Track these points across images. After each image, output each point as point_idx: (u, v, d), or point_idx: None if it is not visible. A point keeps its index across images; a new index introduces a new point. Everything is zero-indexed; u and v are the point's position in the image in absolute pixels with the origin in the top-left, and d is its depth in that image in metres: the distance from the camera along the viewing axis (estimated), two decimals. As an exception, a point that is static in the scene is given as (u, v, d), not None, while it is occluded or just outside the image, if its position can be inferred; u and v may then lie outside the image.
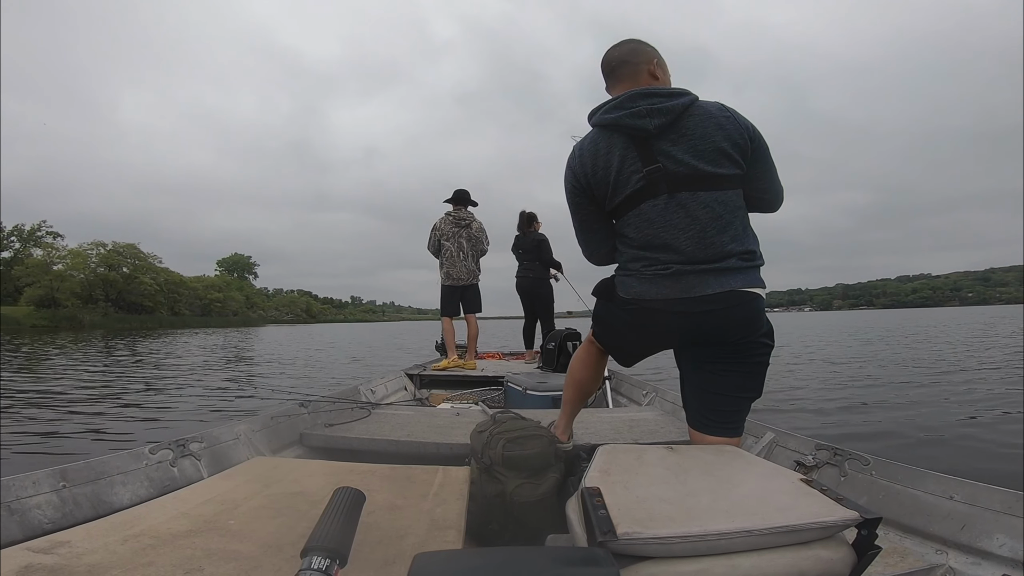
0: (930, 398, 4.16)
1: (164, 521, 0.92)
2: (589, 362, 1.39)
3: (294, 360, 9.83)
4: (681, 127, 1.10)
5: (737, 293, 1.10)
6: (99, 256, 47.60)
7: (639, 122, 1.11)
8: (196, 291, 58.97)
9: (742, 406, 1.20)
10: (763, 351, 1.18)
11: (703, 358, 1.20)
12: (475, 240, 4.13)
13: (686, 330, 1.16)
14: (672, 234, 1.11)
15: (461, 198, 4.21)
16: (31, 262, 44.19)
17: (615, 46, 1.26)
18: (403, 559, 0.78)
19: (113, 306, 46.52)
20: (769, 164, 1.17)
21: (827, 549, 0.73)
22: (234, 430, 1.64)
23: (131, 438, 3.19)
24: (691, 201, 1.10)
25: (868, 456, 1.30)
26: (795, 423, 3.37)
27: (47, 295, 41.39)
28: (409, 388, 3.49)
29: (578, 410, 1.46)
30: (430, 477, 1.19)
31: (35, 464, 2.06)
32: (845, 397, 4.31)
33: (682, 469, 0.93)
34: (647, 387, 2.79)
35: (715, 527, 0.72)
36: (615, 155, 1.15)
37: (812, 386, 5.00)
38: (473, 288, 4.22)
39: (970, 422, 3.25)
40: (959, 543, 1.02)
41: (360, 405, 2.27)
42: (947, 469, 1.17)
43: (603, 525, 0.71)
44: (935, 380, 5.10)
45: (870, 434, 3.05)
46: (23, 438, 3.18)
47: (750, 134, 1.12)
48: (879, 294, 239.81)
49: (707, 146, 1.09)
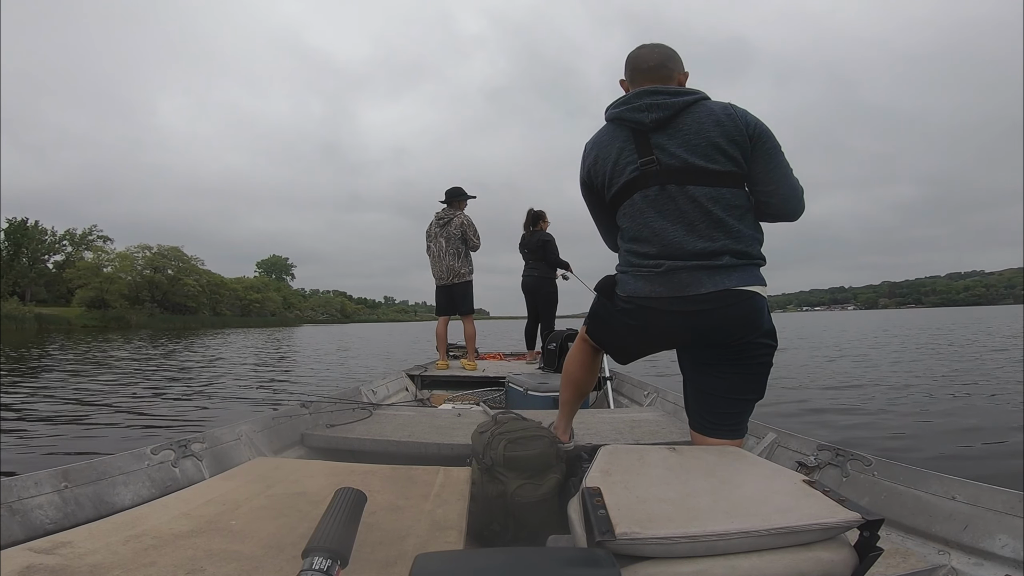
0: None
1: (166, 521, 0.92)
2: (584, 360, 1.38)
3: (327, 363, 9.98)
4: (678, 123, 1.12)
5: (733, 292, 1.09)
6: (145, 259, 49.64)
7: (638, 115, 1.14)
8: (236, 292, 60.44)
9: (744, 408, 1.19)
10: (765, 352, 1.16)
11: (703, 360, 1.19)
12: (453, 238, 4.00)
13: (684, 330, 1.15)
14: (660, 225, 1.12)
15: (450, 196, 4.11)
16: (82, 265, 45.96)
17: (652, 47, 1.25)
18: (404, 560, 0.78)
19: (158, 307, 48.05)
20: (776, 163, 1.14)
21: (828, 550, 0.73)
22: (236, 431, 1.64)
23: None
24: (680, 195, 1.11)
25: (870, 456, 1.29)
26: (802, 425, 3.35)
27: (97, 296, 43.50)
28: (410, 389, 3.49)
29: (576, 409, 1.45)
30: (431, 478, 1.19)
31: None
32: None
33: (684, 470, 0.93)
34: (648, 387, 2.78)
35: (714, 528, 0.71)
36: (615, 147, 1.19)
37: (816, 386, 4.99)
38: (463, 287, 4.07)
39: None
40: (961, 543, 1.01)
41: (361, 406, 2.27)
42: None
43: (602, 525, 0.71)
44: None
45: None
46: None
47: (752, 131, 1.11)
48: (928, 292, 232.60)
49: (701, 141, 1.10)
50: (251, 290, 64.91)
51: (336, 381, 6.29)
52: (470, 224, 4.05)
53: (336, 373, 7.50)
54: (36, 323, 33.55)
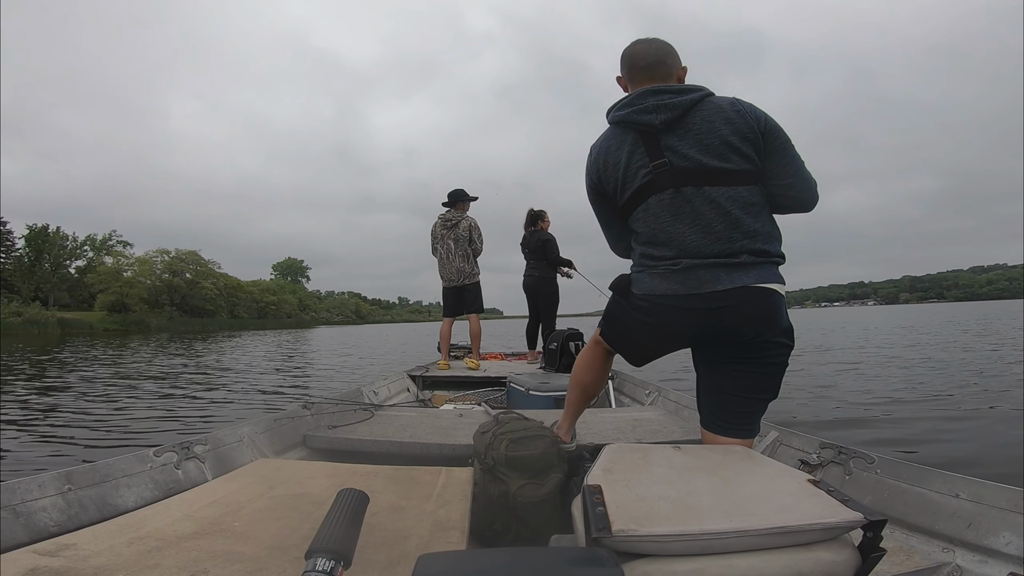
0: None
1: (169, 523, 0.93)
2: (595, 364, 1.36)
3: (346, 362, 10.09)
4: (688, 122, 1.10)
5: (751, 289, 1.08)
6: (164, 263, 50.56)
7: (646, 118, 1.12)
8: (252, 294, 61.25)
9: (757, 407, 1.17)
10: (781, 351, 1.13)
11: (719, 358, 1.17)
12: (461, 240, 4.09)
13: (700, 328, 1.13)
14: (677, 228, 1.11)
15: (453, 199, 4.18)
16: (103, 270, 47.01)
17: (648, 42, 1.22)
18: (407, 560, 0.78)
19: (177, 310, 48.89)
20: (789, 157, 1.13)
21: (829, 551, 0.72)
22: (238, 432, 1.64)
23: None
24: (697, 196, 1.10)
25: (873, 455, 1.29)
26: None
27: (117, 301, 44.35)
28: (412, 389, 3.49)
29: (581, 411, 1.44)
30: (433, 478, 1.19)
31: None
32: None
33: (687, 469, 0.92)
34: (650, 387, 2.78)
35: (712, 527, 0.71)
36: (624, 151, 1.16)
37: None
38: (471, 288, 4.16)
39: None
40: (965, 541, 1.01)
41: (363, 406, 2.27)
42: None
43: (599, 522, 0.71)
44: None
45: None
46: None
47: (763, 127, 1.10)
48: (950, 286, 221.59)
49: (713, 140, 1.09)
50: (267, 292, 65.81)
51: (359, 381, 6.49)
52: (476, 227, 4.15)
53: (358, 375, 7.52)
54: (59, 327, 34.06)
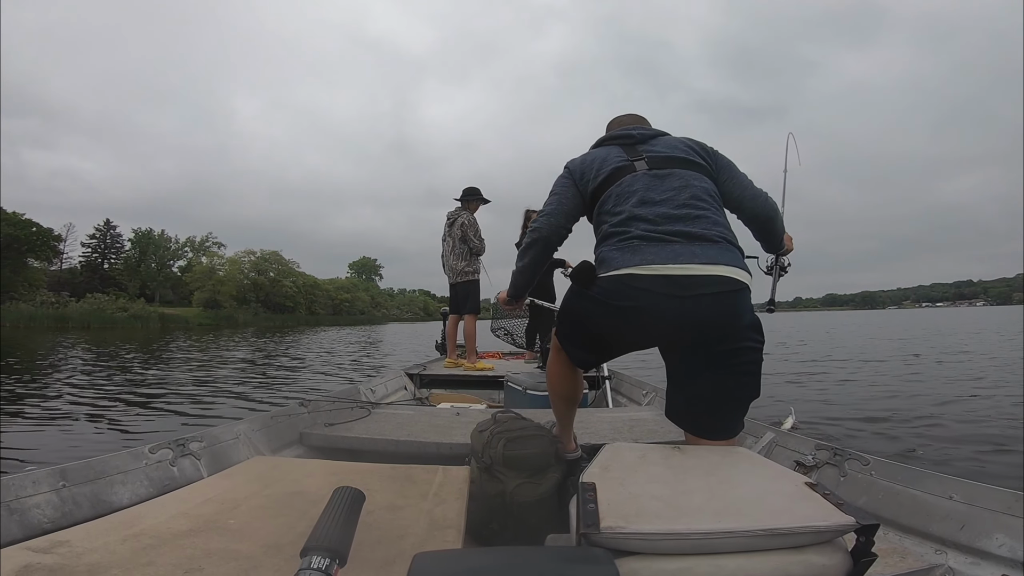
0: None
1: (164, 521, 0.92)
2: (565, 372, 1.32)
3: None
4: (657, 140, 1.38)
5: (724, 275, 1.09)
6: (250, 263, 54.67)
7: (626, 132, 1.40)
8: (328, 292, 64.33)
9: (739, 407, 1.18)
10: (752, 354, 1.13)
11: (693, 365, 1.16)
12: (456, 237, 4.09)
13: (670, 318, 1.10)
14: (650, 196, 1.20)
15: (463, 196, 4.20)
16: (199, 269, 51.35)
17: (628, 115, 1.53)
18: (403, 559, 0.78)
19: (262, 306, 52.49)
20: (736, 171, 1.35)
21: (820, 555, 0.72)
22: (234, 429, 1.64)
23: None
24: (669, 176, 1.24)
25: (868, 456, 1.30)
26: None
27: (211, 298, 48.28)
28: (409, 388, 3.49)
29: (572, 417, 1.41)
30: (430, 477, 1.19)
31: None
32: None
33: (683, 469, 0.93)
34: (647, 387, 2.79)
35: (701, 526, 0.71)
36: (606, 152, 1.35)
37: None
38: (464, 286, 4.15)
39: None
40: (958, 543, 1.02)
41: (360, 405, 2.27)
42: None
43: (588, 519, 0.71)
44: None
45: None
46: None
47: (710, 150, 1.36)
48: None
49: (679, 144, 1.34)
50: (342, 290, 68.98)
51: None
52: (471, 225, 4.12)
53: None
54: (160, 322, 37.63)
